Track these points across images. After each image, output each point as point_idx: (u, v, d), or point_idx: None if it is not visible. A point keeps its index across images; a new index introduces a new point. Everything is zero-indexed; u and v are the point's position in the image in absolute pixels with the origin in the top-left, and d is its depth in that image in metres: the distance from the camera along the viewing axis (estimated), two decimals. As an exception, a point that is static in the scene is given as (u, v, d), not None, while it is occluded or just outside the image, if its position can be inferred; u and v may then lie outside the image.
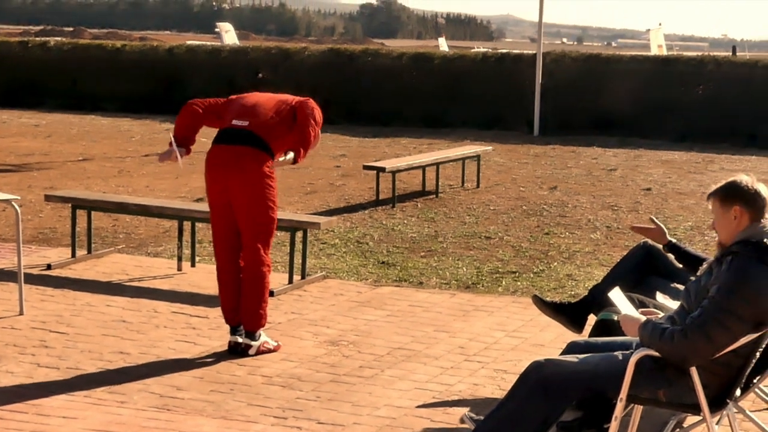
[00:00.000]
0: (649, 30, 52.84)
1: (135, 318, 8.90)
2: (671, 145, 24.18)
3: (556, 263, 11.57)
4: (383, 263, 11.40)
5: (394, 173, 15.24)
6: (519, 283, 10.61)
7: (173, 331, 8.55)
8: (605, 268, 11.17)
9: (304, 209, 14.54)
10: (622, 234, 13.34)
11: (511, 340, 8.56)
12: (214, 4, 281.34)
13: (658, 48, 45.15)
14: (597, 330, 6.62)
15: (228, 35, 50.95)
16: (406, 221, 13.93)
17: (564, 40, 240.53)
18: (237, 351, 7.97)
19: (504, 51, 34.73)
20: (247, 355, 7.92)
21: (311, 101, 8.16)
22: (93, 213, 11.24)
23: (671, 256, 7.04)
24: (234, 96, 8.37)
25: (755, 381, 5.90)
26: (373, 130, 26.68)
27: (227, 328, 8.14)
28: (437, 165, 16.50)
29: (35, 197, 14.60)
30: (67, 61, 32.67)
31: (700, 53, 36.23)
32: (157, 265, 11.00)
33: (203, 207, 10.83)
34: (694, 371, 5.19)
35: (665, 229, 7.12)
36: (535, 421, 5.36)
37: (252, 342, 7.98)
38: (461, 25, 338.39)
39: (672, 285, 6.86)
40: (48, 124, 26.74)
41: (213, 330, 8.57)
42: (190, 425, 6.53)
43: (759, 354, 5.44)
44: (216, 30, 61.26)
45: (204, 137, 8.53)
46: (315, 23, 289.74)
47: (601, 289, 6.97)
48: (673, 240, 7.09)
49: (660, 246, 7.10)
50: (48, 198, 11.61)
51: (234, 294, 8.05)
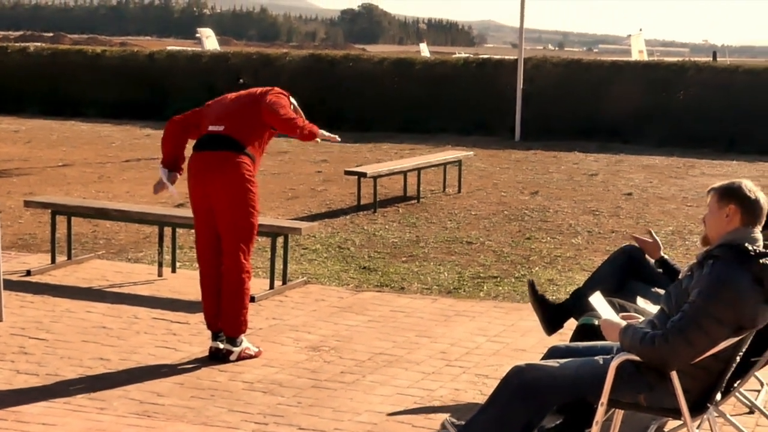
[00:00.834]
0: (630, 35, 52.97)
1: (115, 324, 8.86)
2: (652, 150, 24.23)
3: (537, 268, 11.57)
4: (364, 268, 11.39)
5: (375, 178, 15.23)
6: (500, 288, 10.60)
7: (154, 337, 8.52)
8: (586, 272, 11.18)
9: (285, 214, 14.52)
10: (603, 239, 13.36)
11: (493, 345, 8.55)
12: (194, 9, 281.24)
13: (639, 53, 45.23)
14: (578, 335, 6.61)
15: (209, 41, 50.80)
16: (387, 226, 13.92)
17: (549, 46, 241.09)
18: (218, 357, 7.95)
19: (485, 56, 34.73)
20: (228, 361, 7.90)
21: (273, 91, 8.10)
22: (73, 219, 11.21)
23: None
24: (210, 101, 8.35)
25: (736, 385, 5.91)
26: (355, 135, 26.62)
27: (208, 333, 8.12)
28: (418, 170, 16.50)
29: (15, 203, 14.55)
30: (47, 67, 32.58)
31: (680, 59, 36.34)
32: (138, 271, 10.96)
33: (184, 213, 10.81)
34: (674, 375, 5.18)
35: (661, 245, 7.13)
36: (517, 426, 5.35)
37: (233, 348, 7.95)
38: (443, 31, 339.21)
39: (653, 289, 6.86)
40: (28, 129, 26.66)
41: (194, 336, 8.55)
42: (170, 431, 6.50)
43: (739, 358, 5.44)
44: (197, 35, 61.06)
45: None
46: (296, 29, 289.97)
47: (582, 293, 6.98)
48: (666, 256, 7.09)
49: (651, 258, 7.09)
50: (27, 204, 11.57)
51: (216, 300, 8.03)
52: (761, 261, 5.14)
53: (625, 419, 5.87)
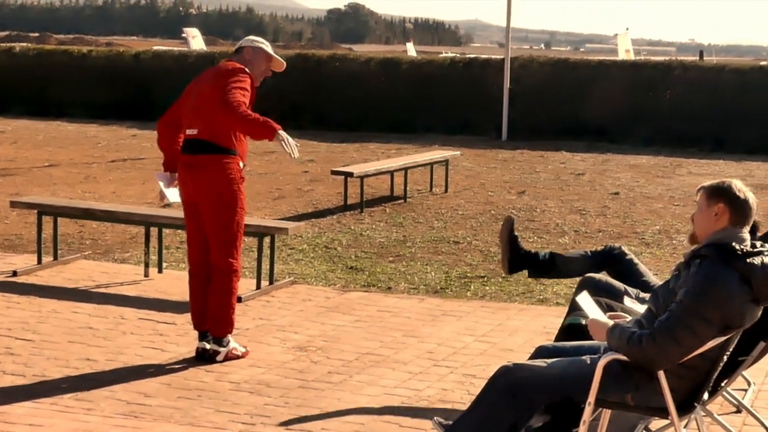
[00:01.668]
0: (617, 35, 53.06)
1: (102, 325, 8.84)
2: (639, 150, 24.26)
3: (524, 268, 11.56)
4: (351, 268, 11.38)
5: (362, 178, 15.23)
6: (487, 288, 10.60)
7: (140, 338, 8.50)
8: (573, 272, 11.18)
9: (272, 215, 14.50)
10: (590, 238, 13.36)
11: (480, 344, 8.55)
12: (180, 9, 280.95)
13: (625, 53, 45.28)
14: (565, 334, 6.61)
15: (195, 41, 50.73)
16: (374, 226, 13.92)
17: (542, 45, 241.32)
18: (205, 357, 7.93)
19: (472, 56, 34.77)
20: (215, 362, 7.88)
21: (234, 83, 7.79)
22: (59, 219, 11.18)
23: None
24: (189, 86, 8.21)
25: (723, 384, 5.92)
26: (341, 135, 26.66)
27: (195, 334, 8.10)
28: (405, 170, 16.49)
29: (0, 203, 14.49)
30: (33, 67, 32.49)
31: (667, 58, 36.42)
32: (124, 272, 10.94)
33: (170, 213, 10.79)
34: (661, 375, 5.19)
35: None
36: (504, 426, 5.35)
37: (220, 348, 7.94)
38: (429, 30, 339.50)
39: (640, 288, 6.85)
40: (14, 130, 26.59)
41: (180, 336, 8.53)
42: (157, 432, 6.50)
43: (726, 357, 5.45)
44: (183, 35, 61.00)
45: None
46: (282, 28, 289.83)
47: (560, 260, 7.06)
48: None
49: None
50: (14, 204, 11.53)
51: (203, 300, 8.01)
52: (748, 260, 5.15)
53: (613, 419, 5.86)
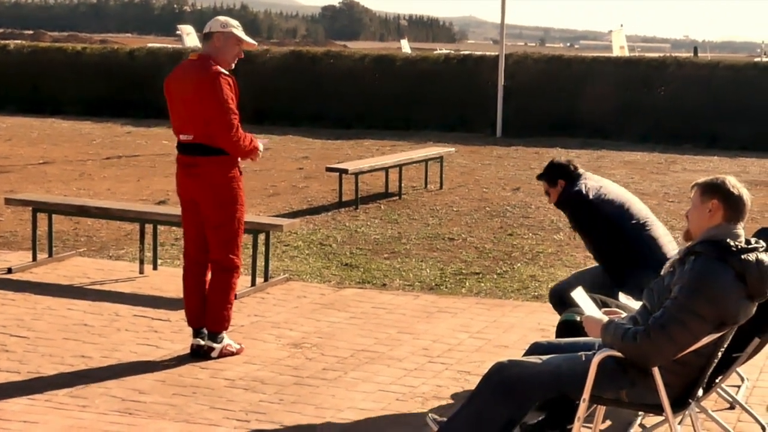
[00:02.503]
0: (611, 31, 53.09)
1: (96, 321, 8.84)
2: (634, 146, 24.27)
3: (519, 264, 11.58)
4: (346, 265, 11.38)
5: (357, 175, 15.23)
6: (482, 285, 10.61)
7: (135, 335, 8.49)
8: (568, 268, 11.21)
9: (266, 211, 14.50)
10: (584, 235, 13.35)
11: (475, 341, 8.55)
12: (175, 6, 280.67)
13: (620, 49, 45.38)
14: (560, 331, 6.62)
15: (189, 38, 50.77)
16: (369, 223, 13.92)
17: (536, 42, 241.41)
18: (199, 354, 7.93)
19: (466, 52, 34.80)
20: (210, 358, 7.88)
21: (217, 97, 7.68)
22: (54, 216, 11.17)
23: None
24: (165, 85, 8.06)
25: (717, 381, 5.92)
26: (336, 132, 26.66)
27: (189, 331, 8.10)
28: (400, 167, 16.50)
29: (-5, 201, 14.49)
30: (27, 65, 32.45)
31: (661, 54, 36.39)
32: (119, 268, 10.93)
33: (165, 209, 10.80)
34: (656, 371, 5.19)
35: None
36: (499, 422, 5.35)
37: (214, 345, 7.94)
38: (423, 27, 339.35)
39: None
40: (8, 127, 26.56)
41: (175, 333, 8.53)
42: (152, 429, 6.49)
43: (721, 354, 5.45)
44: (177, 32, 61.02)
45: (165, 140, 8.48)
46: (277, 25, 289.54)
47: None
48: None
49: None
50: (8, 201, 11.52)
51: (197, 296, 8.01)
52: (743, 257, 5.15)
53: (607, 415, 5.88)
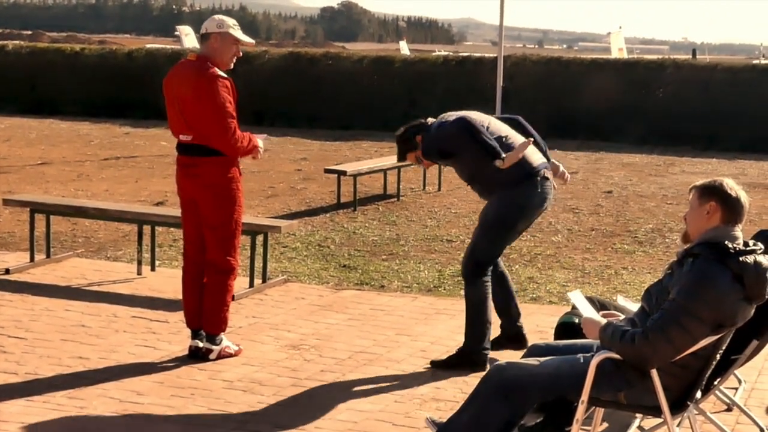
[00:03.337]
0: (610, 33, 53.10)
1: (94, 323, 8.83)
2: (632, 148, 24.29)
3: (517, 266, 11.58)
4: (344, 267, 11.38)
5: (355, 177, 15.22)
6: (480, 286, 10.58)
7: (133, 336, 8.49)
8: (566, 270, 11.22)
9: (265, 213, 14.50)
10: (583, 236, 13.37)
11: (473, 343, 8.53)
12: (173, 7, 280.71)
13: (618, 51, 45.32)
14: (558, 333, 6.62)
15: (188, 38, 50.64)
16: (367, 225, 13.91)
17: (535, 44, 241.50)
18: (198, 355, 7.92)
19: (465, 54, 34.78)
20: (208, 360, 7.87)
21: (215, 100, 7.70)
22: (52, 217, 11.17)
23: None
24: (164, 85, 8.05)
25: (716, 383, 5.92)
26: (335, 133, 26.67)
27: (188, 332, 8.09)
28: (398, 168, 16.48)
29: (-7, 201, 14.48)
30: (26, 65, 32.47)
31: (660, 56, 36.42)
32: (117, 270, 10.92)
33: (163, 211, 10.79)
34: (654, 373, 5.19)
35: None
36: (497, 424, 5.35)
37: (213, 346, 7.93)
38: (422, 29, 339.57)
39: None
40: (6, 128, 26.55)
41: (173, 334, 8.52)
42: (150, 430, 6.48)
43: (719, 356, 5.45)
44: (176, 33, 60.96)
45: (164, 141, 8.47)
46: (275, 26, 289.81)
47: None
48: None
49: None
50: (6, 202, 11.52)
51: (196, 297, 8.00)
52: (741, 259, 5.15)
53: (606, 417, 5.87)
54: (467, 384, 7.32)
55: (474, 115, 8.14)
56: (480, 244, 7.87)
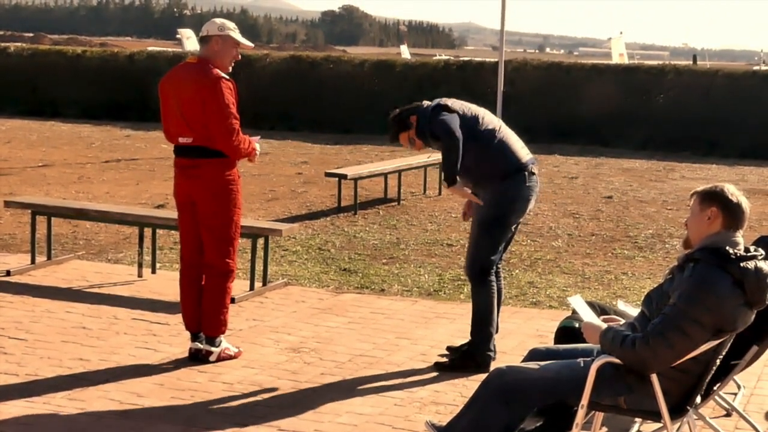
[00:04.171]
0: (611, 38, 53.15)
1: (95, 325, 8.84)
2: (632, 154, 24.30)
3: (517, 271, 11.58)
4: (345, 270, 11.38)
5: (355, 180, 15.23)
6: (480, 291, 10.58)
7: (133, 338, 8.50)
8: (567, 275, 11.23)
9: (265, 216, 14.50)
10: (583, 242, 13.38)
11: (473, 347, 8.54)
12: (175, 10, 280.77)
13: (619, 56, 45.40)
14: (559, 337, 6.62)
15: (189, 41, 50.70)
16: (368, 228, 13.92)
17: (536, 49, 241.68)
18: (198, 358, 7.93)
19: (466, 59, 34.76)
20: (208, 362, 7.88)
21: (218, 101, 7.72)
22: (53, 219, 11.17)
23: None
24: (160, 87, 8.06)
25: (715, 388, 5.92)
26: (335, 137, 26.68)
27: (188, 334, 8.10)
28: (399, 172, 16.50)
29: (-6, 203, 14.50)
30: (27, 67, 32.48)
31: (661, 62, 36.44)
32: (118, 272, 10.93)
33: (164, 213, 10.79)
34: (654, 378, 5.19)
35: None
36: (497, 428, 5.35)
37: (213, 348, 7.94)
38: (423, 33, 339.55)
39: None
40: (7, 130, 26.57)
41: (173, 337, 8.53)
42: (150, 432, 6.50)
43: (719, 361, 5.46)
44: (177, 36, 61.03)
45: (165, 144, 8.48)
46: (276, 30, 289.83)
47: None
48: None
49: None
50: (8, 204, 11.53)
51: (194, 300, 8.01)
52: (742, 264, 5.16)
53: (605, 422, 5.88)
54: (467, 388, 7.33)
55: (472, 110, 8.30)
56: (481, 244, 7.92)
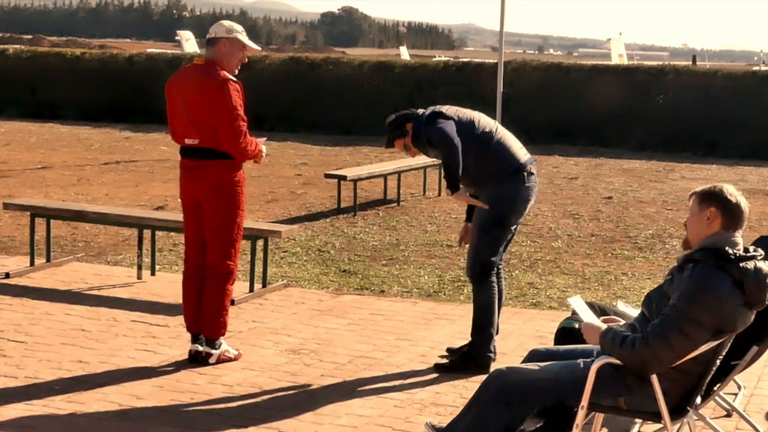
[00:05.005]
0: (610, 39, 53.16)
1: (94, 327, 8.83)
2: (632, 154, 24.31)
3: (517, 271, 11.58)
4: (344, 271, 11.38)
5: (355, 182, 15.22)
6: (480, 292, 10.58)
7: (133, 340, 8.49)
8: (566, 276, 11.22)
9: (265, 217, 14.50)
10: (583, 242, 13.37)
11: (473, 348, 8.53)
12: (174, 12, 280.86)
13: (618, 57, 45.42)
14: (559, 338, 6.62)
15: (188, 43, 50.78)
16: (367, 229, 13.91)
17: (535, 50, 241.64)
18: (197, 360, 7.92)
19: (465, 60, 34.76)
20: (208, 364, 7.87)
21: (225, 103, 7.71)
22: (52, 221, 11.16)
23: None
24: (166, 88, 8.05)
25: (715, 388, 5.92)
26: (335, 138, 26.68)
27: (187, 336, 8.09)
28: (399, 173, 16.50)
29: (-6, 205, 14.49)
30: (26, 69, 32.49)
31: (660, 63, 36.43)
32: (117, 274, 10.93)
33: (163, 215, 10.79)
34: (654, 379, 5.19)
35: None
36: (497, 430, 5.34)
37: (212, 350, 7.93)
38: (423, 34, 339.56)
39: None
40: (6, 132, 26.57)
41: (173, 339, 8.52)
42: (149, 435, 6.48)
43: (719, 361, 5.45)
44: (176, 38, 61.11)
45: (164, 146, 8.46)
46: (276, 31, 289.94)
47: None
48: None
49: None
50: (6, 206, 11.52)
51: (196, 302, 8.00)
52: (741, 265, 5.15)
53: (605, 422, 5.87)
54: (467, 389, 7.32)
55: (467, 115, 8.64)
56: (482, 245, 7.92)
